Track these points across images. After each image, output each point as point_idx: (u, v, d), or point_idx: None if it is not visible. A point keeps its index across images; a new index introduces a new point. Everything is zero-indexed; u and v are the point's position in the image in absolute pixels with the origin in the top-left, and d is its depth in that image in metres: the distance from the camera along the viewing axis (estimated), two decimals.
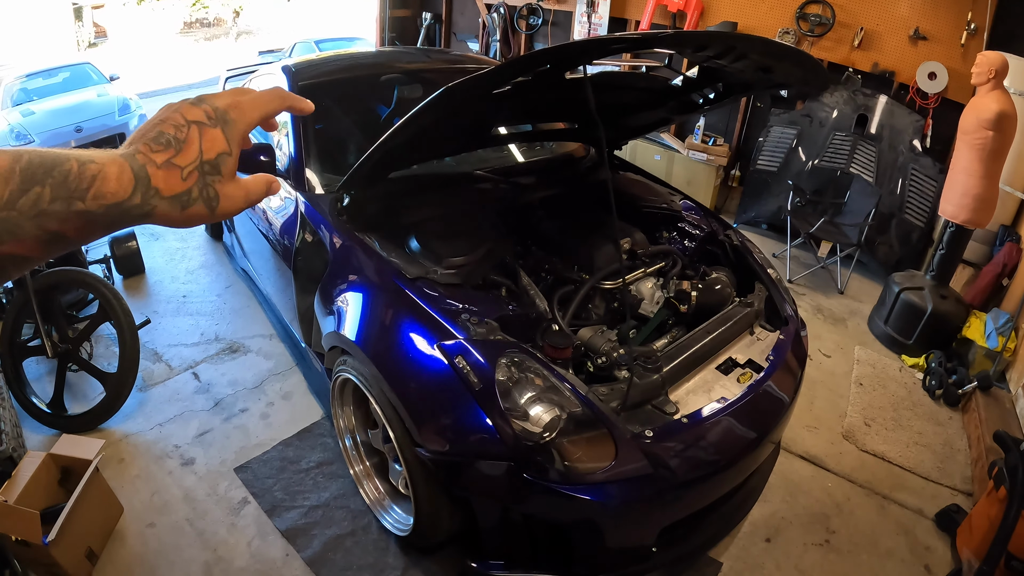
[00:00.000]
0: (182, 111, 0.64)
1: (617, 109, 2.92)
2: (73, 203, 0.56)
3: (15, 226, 0.53)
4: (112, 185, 0.58)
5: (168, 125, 0.63)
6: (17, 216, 0.53)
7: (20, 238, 0.54)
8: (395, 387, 2.16)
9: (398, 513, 2.59)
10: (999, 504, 2.52)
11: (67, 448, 2.71)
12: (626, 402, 2.11)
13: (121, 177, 0.59)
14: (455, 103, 2.08)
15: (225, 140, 0.65)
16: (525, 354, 2.09)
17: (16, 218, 0.53)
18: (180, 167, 0.62)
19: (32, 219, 0.54)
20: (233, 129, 0.66)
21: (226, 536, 2.68)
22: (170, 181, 0.61)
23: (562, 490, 1.93)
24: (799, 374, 2.61)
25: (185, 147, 0.62)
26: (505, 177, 3.22)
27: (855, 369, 4.11)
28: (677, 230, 3.22)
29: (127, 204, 0.59)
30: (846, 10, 5.43)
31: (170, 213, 0.62)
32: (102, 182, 0.57)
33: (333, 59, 4.13)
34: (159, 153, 0.61)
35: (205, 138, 0.64)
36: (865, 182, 5.23)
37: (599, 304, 2.71)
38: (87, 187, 0.56)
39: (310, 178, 3.03)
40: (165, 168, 0.61)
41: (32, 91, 8.29)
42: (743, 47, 2.07)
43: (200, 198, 0.64)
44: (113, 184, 0.58)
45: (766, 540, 2.80)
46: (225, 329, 4.08)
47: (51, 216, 0.55)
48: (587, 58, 2.05)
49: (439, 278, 2.37)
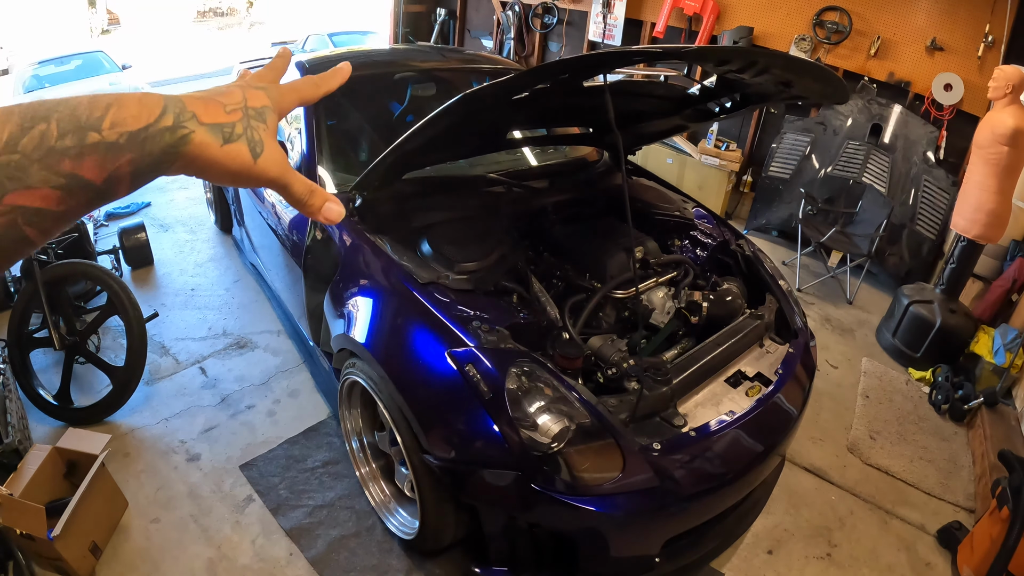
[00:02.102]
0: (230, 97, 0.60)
1: (633, 116, 2.91)
2: (86, 135, 0.48)
3: (20, 170, 0.46)
4: (132, 108, 0.51)
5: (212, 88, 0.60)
6: (20, 159, 0.46)
7: (28, 184, 0.46)
8: (404, 392, 2.16)
9: (403, 516, 2.60)
10: (1001, 524, 2.52)
11: (73, 442, 2.72)
12: (635, 414, 2.11)
13: (145, 100, 0.52)
14: (475, 108, 2.07)
15: (268, 99, 0.62)
16: (536, 364, 2.09)
17: (19, 161, 0.46)
18: (223, 103, 0.57)
19: (39, 160, 0.46)
20: (275, 101, 0.63)
21: (230, 533, 2.68)
22: (210, 110, 0.56)
23: (569, 501, 1.93)
24: (807, 388, 2.61)
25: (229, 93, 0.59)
26: (518, 181, 3.21)
27: (862, 381, 4.10)
28: (689, 238, 3.21)
29: (155, 127, 0.52)
30: (863, 18, 5.40)
31: (208, 145, 0.55)
32: (119, 108, 0.50)
33: (348, 55, 4.12)
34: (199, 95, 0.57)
35: (249, 94, 0.60)
36: (877, 192, 5.21)
37: (609, 313, 2.70)
38: (101, 115, 0.49)
39: (322, 176, 3.03)
40: (206, 101, 0.56)
41: (44, 78, 8.31)
42: (765, 62, 2.06)
43: (244, 136, 0.58)
44: (134, 107, 0.51)
45: (768, 552, 2.80)
46: (233, 324, 4.08)
47: (61, 153, 0.47)
48: (608, 68, 2.04)
49: (451, 283, 2.37)
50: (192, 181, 6.51)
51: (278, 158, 0.62)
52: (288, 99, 0.65)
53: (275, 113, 0.63)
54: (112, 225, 5.32)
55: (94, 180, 0.50)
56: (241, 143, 0.58)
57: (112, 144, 0.49)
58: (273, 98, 0.63)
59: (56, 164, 0.47)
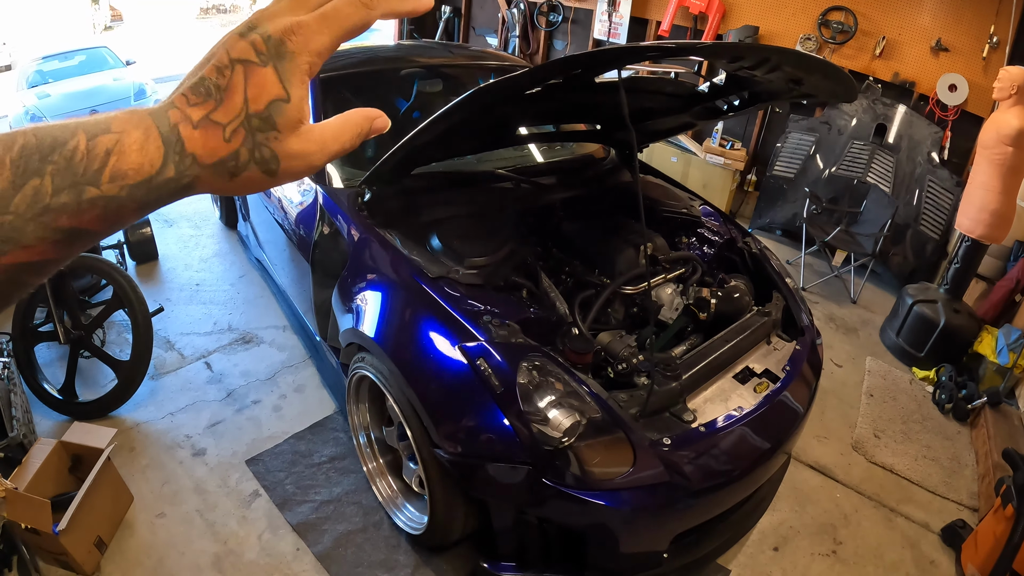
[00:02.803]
0: (227, 46, 0.49)
1: (643, 113, 2.92)
2: (84, 191, 0.44)
3: (15, 231, 0.42)
4: (134, 159, 0.45)
5: (211, 67, 0.48)
6: (14, 219, 0.42)
7: (25, 244, 0.43)
8: (414, 386, 2.17)
9: (411, 511, 2.60)
10: (1006, 522, 2.53)
11: (78, 436, 2.71)
12: (645, 409, 2.11)
13: (146, 146, 0.46)
14: (486, 103, 2.08)
15: (279, 82, 0.49)
16: (546, 358, 2.10)
17: (13, 222, 0.42)
18: (221, 124, 0.48)
19: (34, 219, 0.43)
20: (292, 65, 0.49)
21: (236, 528, 2.68)
22: (210, 144, 0.48)
23: (580, 495, 1.94)
24: (814, 385, 2.62)
25: (227, 96, 0.48)
26: (526, 177, 3.22)
27: (866, 380, 4.10)
28: (696, 236, 3.22)
29: (157, 180, 0.46)
30: (869, 18, 5.40)
31: (216, 183, 0.50)
32: (119, 158, 0.45)
33: (354, 51, 4.12)
34: (196, 107, 0.48)
35: (251, 83, 0.48)
36: (882, 192, 5.21)
37: (618, 309, 2.71)
38: (100, 167, 0.44)
39: (330, 171, 3.03)
40: (203, 127, 0.48)
41: (48, 73, 8.29)
42: (777, 59, 2.06)
43: (252, 161, 0.49)
44: (135, 157, 0.45)
45: (774, 549, 2.81)
46: (238, 319, 4.08)
47: (58, 211, 0.43)
48: (621, 64, 2.04)
49: (461, 278, 2.37)
50: None
51: (304, 151, 0.52)
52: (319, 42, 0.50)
53: (299, 82, 0.50)
54: None
55: (96, 230, 0.46)
56: (251, 170, 0.50)
57: (113, 197, 0.45)
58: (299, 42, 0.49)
59: (53, 222, 0.43)
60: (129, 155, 0.45)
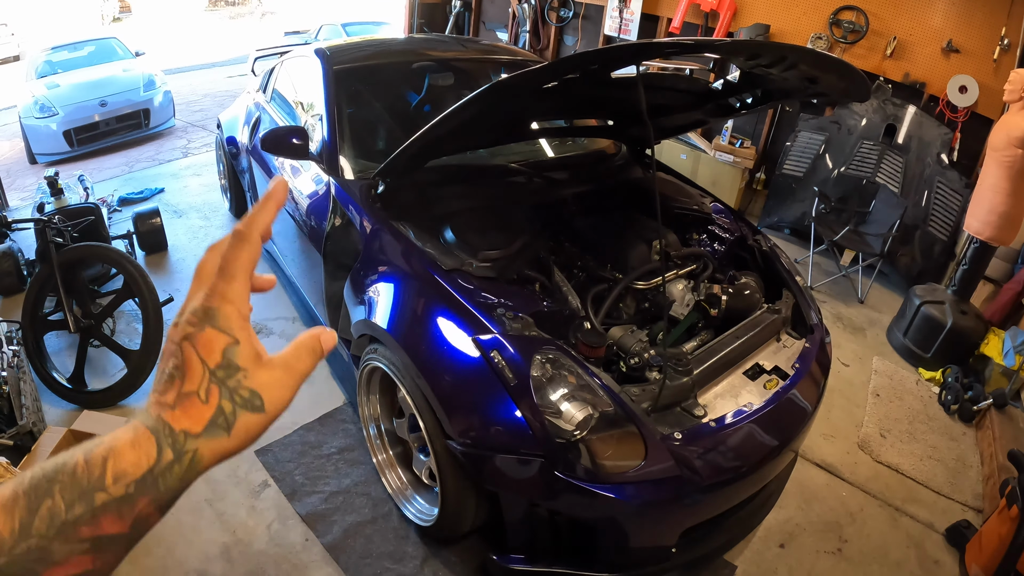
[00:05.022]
0: (171, 337, 0.53)
1: (656, 109, 2.92)
2: (93, 498, 0.46)
3: (42, 551, 0.45)
4: (130, 456, 0.48)
5: (166, 359, 0.53)
6: (39, 541, 0.45)
7: (56, 561, 0.45)
8: (428, 378, 2.18)
9: (420, 503, 2.61)
10: (1010, 523, 2.54)
11: (88, 424, 2.73)
12: (657, 403, 2.12)
13: (137, 442, 0.49)
14: (503, 97, 2.08)
15: (222, 333, 0.53)
16: (560, 351, 2.11)
17: (39, 543, 0.45)
18: (194, 391, 0.51)
19: (57, 537, 0.45)
20: (224, 317, 0.53)
21: (245, 519, 2.70)
22: (192, 412, 0.51)
23: (591, 488, 1.95)
24: (822, 383, 2.62)
25: (188, 369, 0.52)
26: (538, 171, 3.23)
27: (872, 380, 4.11)
28: (707, 232, 3.22)
29: (159, 468, 0.49)
30: (880, 18, 5.40)
31: (219, 446, 0.52)
32: (116, 459, 0.48)
33: (367, 44, 4.14)
34: (169, 393, 0.51)
35: (200, 347, 0.52)
36: (891, 192, 5.21)
37: (630, 304, 2.72)
38: (100, 473, 0.47)
39: (343, 163, 3.04)
40: (180, 403, 0.51)
41: (57, 64, 8.32)
42: (794, 57, 2.07)
43: (236, 407, 0.53)
44: (130, 454, 0.49)
45: (780, 546, 2.82)
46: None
47: (75, 523, 0.46)
48: (640, 59, 2.05)
49: (475, 271, 2.38)
50: (206, 168, 6.54)
51: (277, 379, 0.55)
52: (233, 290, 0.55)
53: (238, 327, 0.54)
54: (126, 210, 5.33)
55: (120, 531, 0.48)
56: (243, 416, 0.53)
57: (123, 498, 0.48)
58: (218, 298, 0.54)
59: (74, 535, 0.46)
60: (124, 454, 0.48)
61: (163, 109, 8.19)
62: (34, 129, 7.41)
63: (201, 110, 9.57)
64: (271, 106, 4.20)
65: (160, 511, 0.51)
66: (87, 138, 7.61)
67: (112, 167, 7.16)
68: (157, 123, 8.13)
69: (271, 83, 4.35)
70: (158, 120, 8.13)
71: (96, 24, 18.47)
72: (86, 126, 7.56)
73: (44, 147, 7.48)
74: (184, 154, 7.48)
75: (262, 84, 4.58)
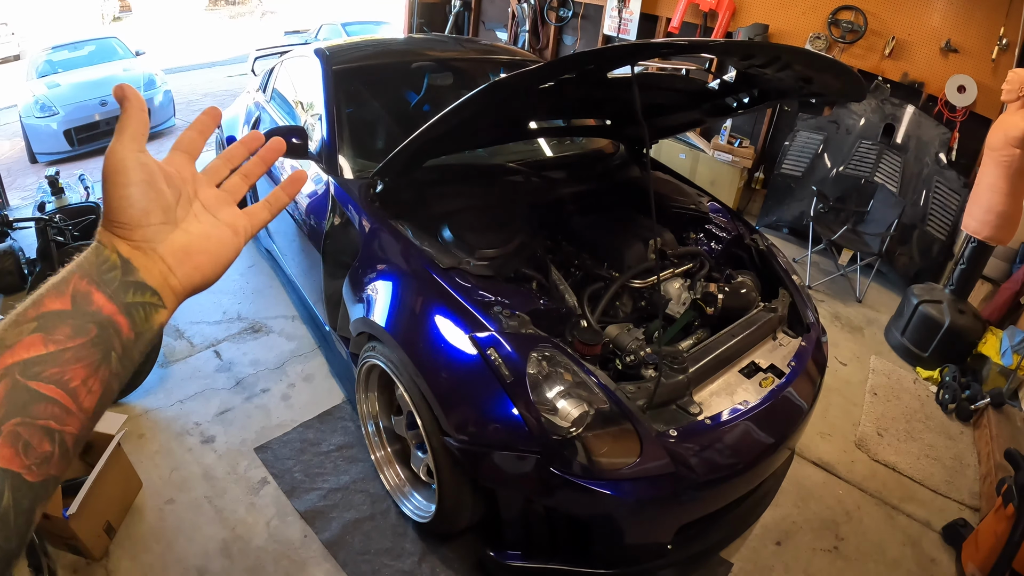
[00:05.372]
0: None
1: (653, 109, 2.94)
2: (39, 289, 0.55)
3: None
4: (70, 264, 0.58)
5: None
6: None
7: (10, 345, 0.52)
8: (425, 375, 2.19)
9: (418, 500, 2.63)
10: (1007, 521, 2.54)
11: None
12: (653, 401, 2.14)
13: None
14: (501, 96, 2.10)
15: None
16: (556, 349, 2.12)
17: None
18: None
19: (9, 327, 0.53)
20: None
21: (244, 515, 2.71)
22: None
23: (587, 485, 1.96)
24: (818, 382, 2.63)
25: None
26: (536, 171, 3.24)
27: (870, 379, 4.12)
28: (704, 232, 3.24)
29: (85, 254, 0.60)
30: (878, 18, 5.40)
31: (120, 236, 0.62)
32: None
33: (366, 44, 4.15)
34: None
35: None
36: (889, 192, 5.22)
37: (626, 302, 2.73)
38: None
39: (342, 163, 3.06)
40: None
41: (57, 63, 8.33)
42: (788, 58, 2.08)
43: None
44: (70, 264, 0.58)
45: (776, 543, 2.83)
46: (247, 308, 4.11)
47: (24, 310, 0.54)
48: (635, 60, 2.06)
49: (472, 269, 2.39)
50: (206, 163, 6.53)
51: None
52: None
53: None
54: None
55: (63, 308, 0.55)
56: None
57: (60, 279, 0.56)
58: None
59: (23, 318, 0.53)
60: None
61: (163, 109, 8.21)
62: (35, 128, 7.43)
63: (201, 109, 9.51)
64: (271, 106, 4.22)
65: (97, 285, 0.57)
66: (87, 137, 7.61)
67: None
68: (157, 123, 8.14)
69: (271, 83, 4.37)
70: (158, 120, 8.15)
71: (96, 23, 18.47)
72: (86, 125, 7.57)
73: (45, 146, 7.49)
74: None
75: (262, 84, 4.60)
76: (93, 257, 0.58)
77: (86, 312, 0.55)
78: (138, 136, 0.63)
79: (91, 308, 0.56)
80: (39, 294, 0.54)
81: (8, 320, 0.52)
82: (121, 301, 0.58)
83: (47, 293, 0.54)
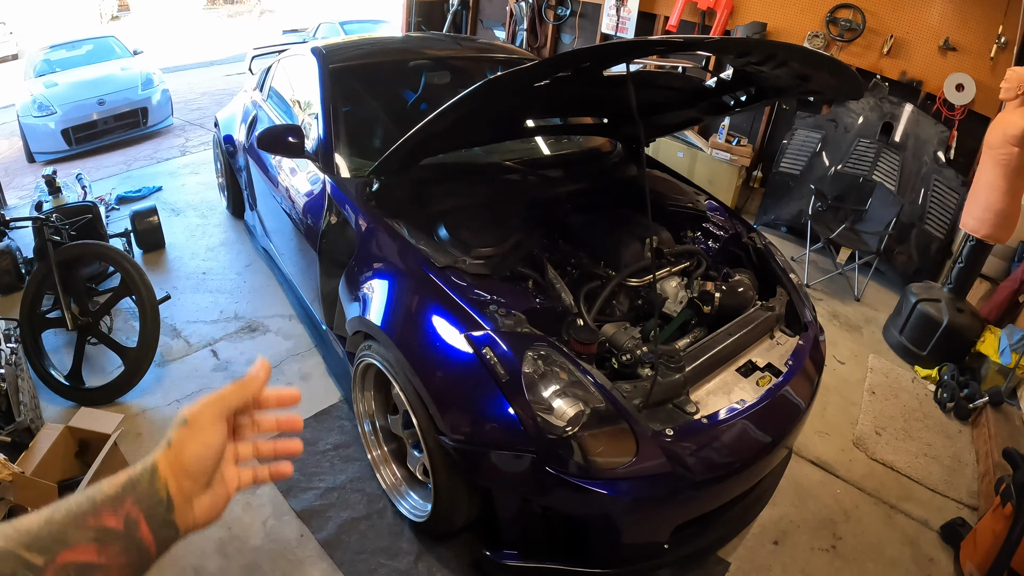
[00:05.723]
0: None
1: (650, 107, 2.93)
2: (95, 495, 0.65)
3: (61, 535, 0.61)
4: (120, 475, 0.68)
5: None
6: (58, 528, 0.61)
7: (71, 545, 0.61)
8: (421, 374, 2.18)
9: (414, 499, 2.62)
10: (1005, 520, 2.54)
11: (85, 421, 2.73)
12: (649, 400, 2.13)
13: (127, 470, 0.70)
14: (497, 94, 2.09)
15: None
16: (552, 348, 2.11)
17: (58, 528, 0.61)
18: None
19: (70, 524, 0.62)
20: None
21: (241, 514, 2.70)
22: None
23: (583, 484, 1.95)
24: (816, 380, 2.62)
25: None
26: (533, 169, 3.23)
27: (868, 377, 4.11)
28: (702, 230, 3.23)
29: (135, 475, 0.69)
30: (877, 17, 5.40)
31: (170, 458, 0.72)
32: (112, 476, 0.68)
33: (363, 43, 4.14)
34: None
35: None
36: (887, 190, 5.22)
37: (623, 301, 2.72)
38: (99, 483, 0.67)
39: (338, 162, 3.05)
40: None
41: (55, 62, 8.32)
42: (784, 55, 2.07)
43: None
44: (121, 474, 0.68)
45: (774, 543, 2.82)
46: (244, 308, 4.11)
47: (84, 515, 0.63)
48: (630, 57, 2.05)
49: (468, 268, 2.39)
50: (203, 166, 6.54)
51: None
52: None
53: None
54: (124, 209, 5.34)
55: (116, 527, 0.65)
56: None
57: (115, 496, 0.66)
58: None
59: (83, 523, 0.63)
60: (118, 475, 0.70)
61: (161, 108, 8.20)
62: (32, 128, 7.41)
63: (199, 108, 9.57)
64: (268, 105, 4.21)
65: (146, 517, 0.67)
66: (85, 137, 7.61)
67: (110, 165, 7.17)
68: (155, 122, 8.13)
69: (268, 82, 4.36)
70: (156, 119, 8.14)
71: (94, 23, 18.44)
72: (84, 125, 7.56)
73: (42, 146, 7.48)
74: (182, 152, 7.48)
75: (259, 83, 4.59)
76: (148, 487, 0.68)
77: (133, 537, 0.66)
78: (236, 406, 0.78)
79: (137, 535, 0.66)
80: (96, 502, 0.64)
81: (69, 517, 0.62)
82: (158, 534, 0.68)
83: (103, 506, 0.64)
